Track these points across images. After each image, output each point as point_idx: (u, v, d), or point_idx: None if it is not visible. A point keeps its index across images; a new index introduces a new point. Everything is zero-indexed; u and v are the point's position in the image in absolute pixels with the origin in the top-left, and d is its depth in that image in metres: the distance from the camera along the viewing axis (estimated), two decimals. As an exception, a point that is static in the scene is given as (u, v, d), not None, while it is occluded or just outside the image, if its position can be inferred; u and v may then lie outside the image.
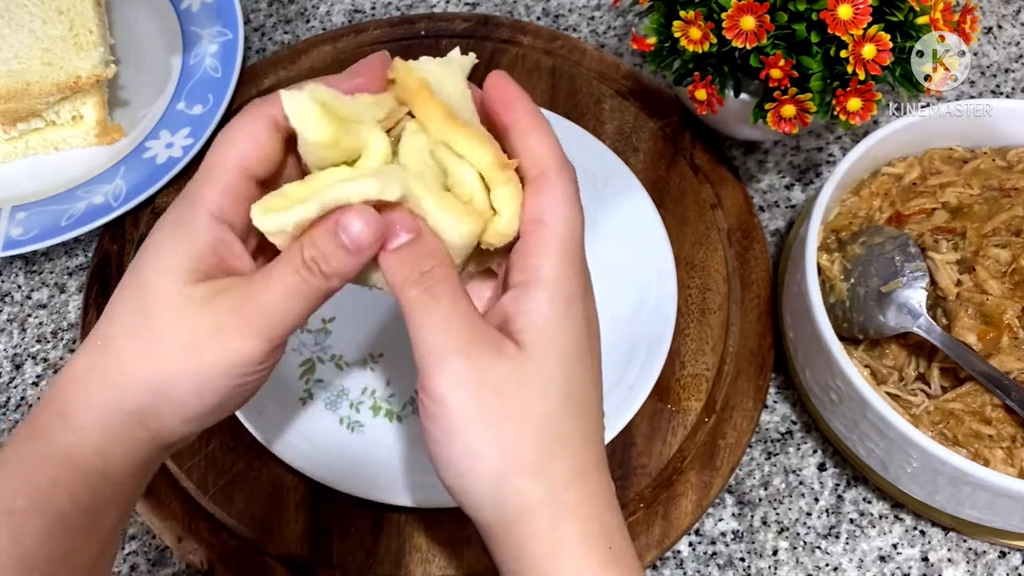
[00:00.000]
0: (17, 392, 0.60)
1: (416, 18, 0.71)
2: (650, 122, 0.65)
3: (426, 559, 0.52)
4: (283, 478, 0.54)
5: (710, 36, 0.52)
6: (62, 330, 0.62)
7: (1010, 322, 0.51)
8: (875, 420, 0.49)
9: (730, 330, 0.58)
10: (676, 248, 0.59)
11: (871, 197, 0.57)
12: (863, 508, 0.54)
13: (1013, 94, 0.68)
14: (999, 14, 0.72)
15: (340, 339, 0.58)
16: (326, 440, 0.54)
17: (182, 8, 0.70)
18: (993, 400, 0.50)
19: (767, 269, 0.60)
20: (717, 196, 0.63)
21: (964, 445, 0.49)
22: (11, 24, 0.64)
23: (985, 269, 0.52)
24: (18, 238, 0.61)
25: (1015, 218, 0.54)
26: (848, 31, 0.50)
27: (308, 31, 0.73)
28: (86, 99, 0.64)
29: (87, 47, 0.64)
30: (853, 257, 0.54)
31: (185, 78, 0.68)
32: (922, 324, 0.51)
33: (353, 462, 0.53)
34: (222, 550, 0.53)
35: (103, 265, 0.62)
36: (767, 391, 0.57)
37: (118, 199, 0.62)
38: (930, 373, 0.52)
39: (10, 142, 0.65)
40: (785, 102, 0.53)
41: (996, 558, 0.53)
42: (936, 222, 0.55)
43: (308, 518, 0.53)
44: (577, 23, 0.72)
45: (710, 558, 0.53)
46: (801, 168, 0.66)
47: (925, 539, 0.54)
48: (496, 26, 0.70)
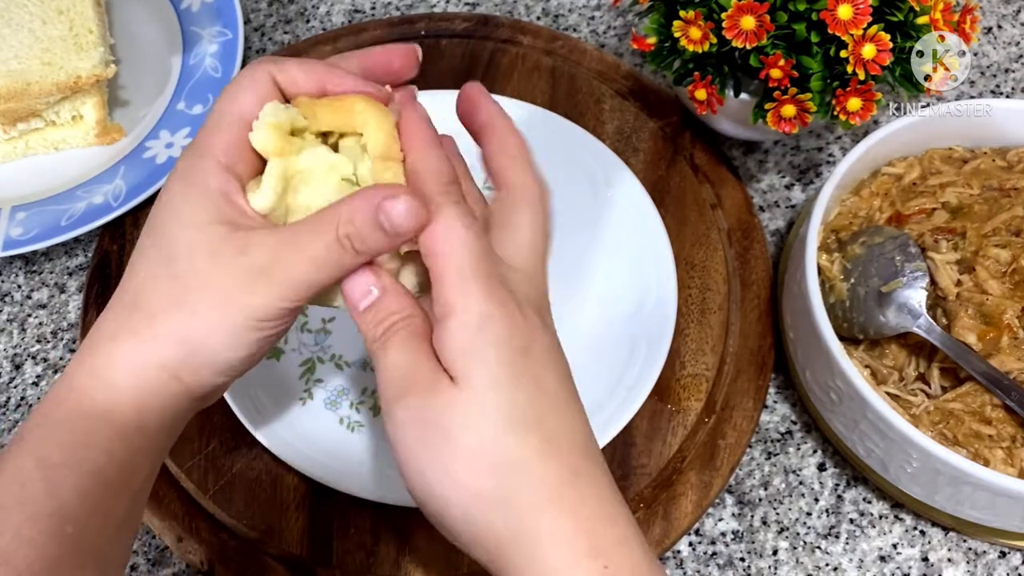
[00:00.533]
0: (17, 392, 0.60)
1: (416, 18, 0.71)
2: (650, 122, 0.65)
3: (426, 559, 0.52)
4: (283, 478, 0.54)
5: (710, 36, 0.52)
6: (62, 330, 0.62)
7: (1010, 322, 0.51)
8: (875, 420, 0.49)
9: (730, 330, 0.58)
10: (676, 248, 0.59)
11: (871, 197, 0.57)
12: (863, 508, 0.54)
13: (1013, 94, 0.68)
14: (999, 14, 0.72)
15: (340, 339, 0.58)
16: (326, 440, 0.54)
17: (182, 8, 0.70)
18: (993, 400, 0.50)
19: (767, 269, 0.60)
20: (717, 196, 0.63)
21: (964, 445, 0.49)
22: (11, 24, 0.64)
23: (985, 269, 0.52)
24: (18, 238, 0.61)
25: (1015, 218, 0.54)
26: (848, 31, 0.50)
27: (308, 31, 0.73)
28: (86, 99, 0.64)
29: (87, 47, 0.64)
30: (853, 257, 0.54)
31: (185, 78, 0.68)
32: (922, 324, 0.51)
33: (353, 462, 0.53)
34: (222, 550, 0.53)
35: (103, 265, 0.62)
36: (767, 391, 0.57)
37: (118, 199, 0.62)
38: (930, 373, 0.52)
39: (10, 142, 0.65)
40: (785, 102, 0.53)
41: (996, 558, 0.53)
42: (936, 222, 0.55)
43: (308, 518, 0.53)
44: (577, 23, 0.72)
45: (710, 558, 0.53)
46: (801, 168, 0.66)
47: (925, 539, 0.54)
48: (496, 26, 0.70)
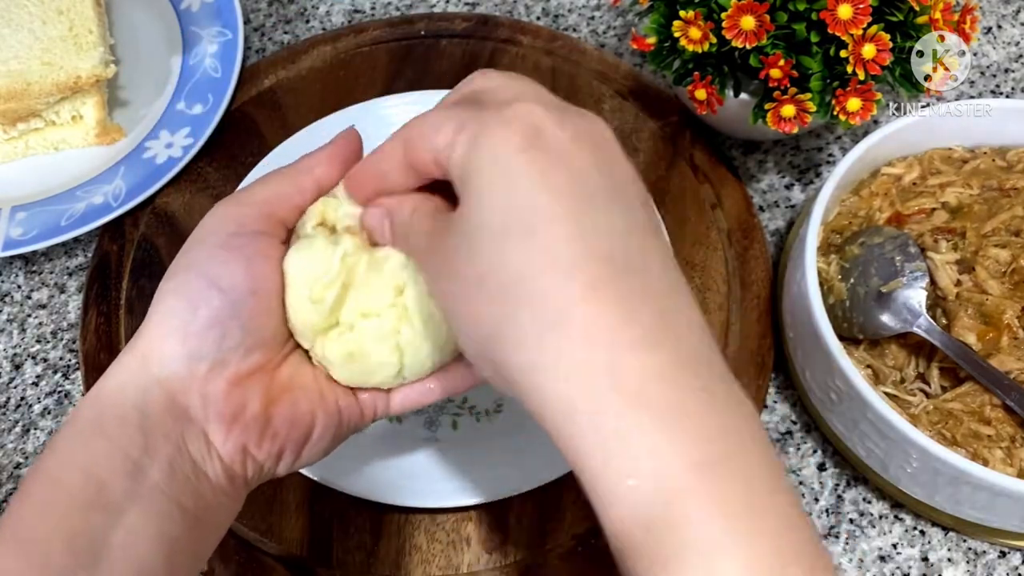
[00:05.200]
0: (17, 392, 0.60)
1: (416, 18, 0.71)
2: (650, 122, 0.65)
3: (426, 559, 0.52)
4: (283, 478, 0.54)
5: (710, 36, 0.52)
6: (62, 330, 0.62)
7: (1010, 322, 0.51)
8: (875, 420, 0.49)
9: (730, 330, 0.58)
10: (676, 248, 0.59)
11: (871, 197, 0.57)
12: (863, 508, 0.54)
13: (1013, 94, 0.68)
14: (999, 14, 0.72)
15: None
16: (326, 440, 0.54)
17: (182, 8, 0.70)
18: (992, 400, 0.50)
19: (767, 269, 0.60)
20: (717, 196, 0.63)
21: (963, 445, 0.49)
22: (11, 24, 0.64)
23: (985, 269, 0.52)
24: (18, 238, 0.61)
25: (1015, 218, 0.54)
26: (848, 31, 0.50)
27: (308, 31, 0.73)
28: (86, 99, 0.64)
29: (87, 47, 0.64)
30: (853, 257, 0.54)
31: (185, 78, 0.68)
32: (922, 324, 0.51)
33: (353, 462, 0.53)
34: (222, 550, 0.53)
35: (103, 265, 0.62)
36: (767, 391, 0.57)
37: (118, 199, 0.62)
38: (930, 373, 0.52)
39: (10, 142, 0.65)
40: (785, 102, 0.53)
41: (996, 558, 0.53)
42: (936, 222, 0.55)
43: (308, 518, 0.53)
44: (577, 23, 0.72)
45: (710, 558, 0.53)
46: (801, 168, 0.66)
47: (925, 539, 0.54)
48: (496, 26, 0.70)
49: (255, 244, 0.36)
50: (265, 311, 0.36)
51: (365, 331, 0.37)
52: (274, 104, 0.68)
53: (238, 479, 0.36)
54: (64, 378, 0.60)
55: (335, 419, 0.38)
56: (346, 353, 0.37)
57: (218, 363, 0.35)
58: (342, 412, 0.39)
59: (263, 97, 0.68)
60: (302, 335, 0.37)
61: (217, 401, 0.35)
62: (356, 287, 0.37)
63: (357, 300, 0.37)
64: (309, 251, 0.36)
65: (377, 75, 0.68)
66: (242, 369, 0.35)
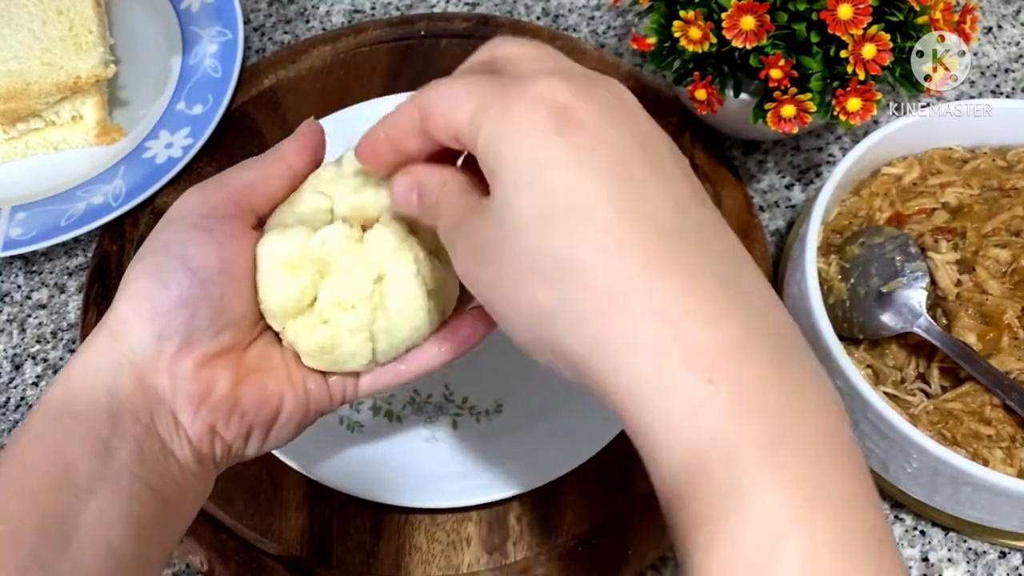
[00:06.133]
0: (17, 392, 0.60)
1: (416, 18, 0.71)
2: (650, 122, 0.65)
3: (426, 559, 0.52)
4: (283, 478, 0.54)
5: (710, 36, 0.52)
6: (62, 330, 0.62)
7: (1010, 322, 0.51)
8: (875, 420, 0.49)
9: (730, 330, 0.58)
10: (676, 248, 0.59)
11: (871, 197, 0.57)
12: (863, 508, 0.54)
13: (1013, 94, 0.68)
14: (999, 14, 0.72)
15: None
16: (326, 440, 0.54)
17: (182, 8, 0.70)
18: (992, 400, 0.50)
19: (767, 269, 0.60)
20: (717, 196, 0.63)
21: (963, 445, 0.49)
22: (11, 24, 0.64)
23: (985, 269, 0.52)
24: (18, 238, 0.61)
25: (1015, 218, 0.54)
26: (848, 31, 0.50)
27: (308, 31, 0.73)
28: (86, 99, 0.64)
29: (87, 47, 0.64)
30: (853, 257, 0.54)
31: (185, 78, 0.68)
32: (922, 324, 0.51)
33: (353, 462, 0.53)
34: (222, 550, 0.53)
35: (103, 265, 0.62)
36: (767, 391, 0.57)
37: (118, 199, 0.62)
38: (930, 373, 0.52)
39: (10, 142, 0.65)
40: (785, 102, 0.53)
41: (996, 558, 0.53)
42: (936, 222, 0.55)
43: (308, 518, 0.53)
44: (577, 23, 0.72)
45: (710, 558, 0.53)
46: (801, 168, 0.66)
47: (925, 539, 0.54)
48: (496, 26, 0.70)
49: (227, 227, 0.36)
50: (235, 292, 0.36)
51: (340, 324, 0.37)
52: (274, 104, 0.68)
53: (207, 459, 0.36)
54: (64, 378, 0.60)
55: (303, 400, 0.38)
56: (319, 347, 0.37)
57: (187, 343, 0.35)
58: (310, 394, 0.39)
59: (263, 97, 0.68)
60: (273, 317, 0.37)
61: (185, 380, 0.35)
62: (335, 276, 0.37)
63: (334, 290, 0.37)
64: (284, 235, 0.37)
65: (377, 75, 0.68)
66: (211, 349, 0.35)
